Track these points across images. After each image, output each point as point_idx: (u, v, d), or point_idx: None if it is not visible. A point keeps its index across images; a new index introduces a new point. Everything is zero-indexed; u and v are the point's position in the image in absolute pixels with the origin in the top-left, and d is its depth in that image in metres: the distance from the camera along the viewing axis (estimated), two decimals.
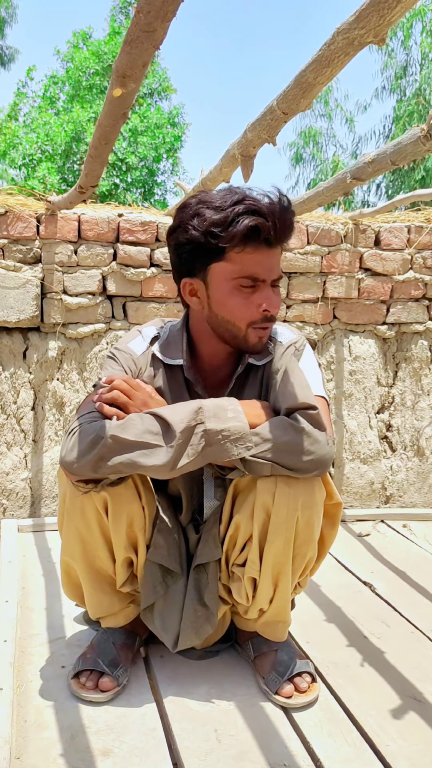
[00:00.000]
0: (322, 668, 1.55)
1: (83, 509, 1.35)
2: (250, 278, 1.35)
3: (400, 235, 2.96)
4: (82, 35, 15.01)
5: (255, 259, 1.34)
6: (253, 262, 1.34)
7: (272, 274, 1.37)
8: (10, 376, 2.61)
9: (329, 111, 13.66)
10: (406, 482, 3.05)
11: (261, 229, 1.31)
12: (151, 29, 0.94)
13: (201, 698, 1.41)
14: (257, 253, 1.34)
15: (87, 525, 1.36)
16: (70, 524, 1.38)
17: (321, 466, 1.30)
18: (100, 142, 1.42)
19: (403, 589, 2.05)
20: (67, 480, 1.35)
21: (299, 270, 2.87)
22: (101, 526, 1.37)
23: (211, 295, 1.39)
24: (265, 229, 1.31)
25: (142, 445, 1.24)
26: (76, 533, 1.38)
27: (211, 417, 1.28)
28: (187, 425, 1.26)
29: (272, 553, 1.35)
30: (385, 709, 1.40)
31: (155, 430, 1.26)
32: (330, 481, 1.40)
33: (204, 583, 1.45)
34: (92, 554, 1.40)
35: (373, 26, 1.03)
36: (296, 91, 1.28)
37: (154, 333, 1.54)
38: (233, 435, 1.27)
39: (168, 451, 1.25)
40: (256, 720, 1.34)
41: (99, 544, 1.38)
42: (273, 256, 1.37)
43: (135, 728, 1.30)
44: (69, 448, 1.28)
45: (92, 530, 1.37)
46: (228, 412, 1.29)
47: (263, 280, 1.36)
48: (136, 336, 1.54)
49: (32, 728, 1.28)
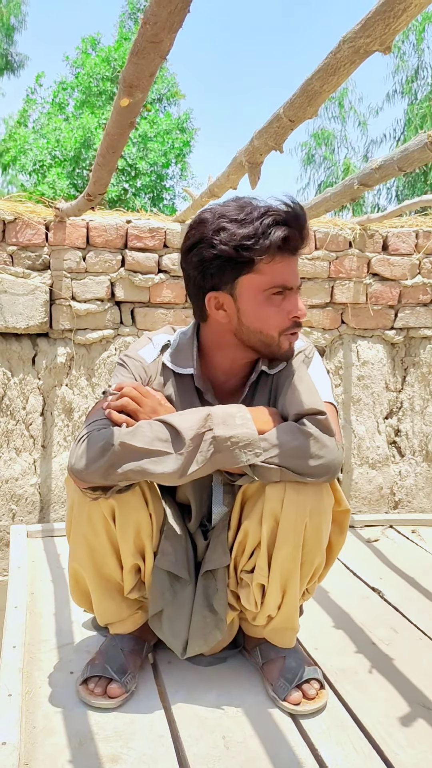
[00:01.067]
0: (330, 675, 1.54)
1: (91, 516, 1.35)
2: (280, 287, 1.36)
3: (407, 240, 2.96)
4: (91, 41, 15.09)
5: (283, 268, 1.36)
6: (283, 271, 1.36)
7: (298, 280, 1.40)
8: (19, 382, 2.62)
9: (343, 113, 13.67)
10: (414, 487, 3.04)
11: (290, 239, 1.33)
12: (158, 40, 0.95)
13: (209, 705, 1.41)
14: (284, 262, 1.36)
15: (94, 532, 1.37)
16: (78, 531, 1.39)
17: (330, 471, 1.30)
18: (107, 150, 1.43)
19: (412, 595, 2.05)
20: (75, 487, 1.35)
21: (307, 275, 2.87)
22: (109, 533, 1.37)
23: (240, 307, 1.39)
24: (294, 239, 1.33)
25: (151, 453, 1.25)
26: (83, 540, 1.39)
27: (220, 424, 1.28)
28: (197, 432, 1.27)
29: (281, 560, 1.35)
30: (394, 717, 1.39)
31: (165, 438, 1.26)
32: (338, 487, 1.40)
33: (213, 589, 1.45)
34: (100, 561, 1.41)
35: (378, 35, 1.04)
36: (303, 98, 1.29)
37: (164, 341, 1.54)
38: (242, 441, 1.27)
39: (177, 458, 1.25)
40: (264, 727, 1.34)
41: (107, 551, 1.39)
42: (296, 263, 1.40)
43: (143, 735, 1.30)
44: (78, 455, 1.28)
45: (100, 537, 1.37)
46: (236, 418, 1.30)
47: (291, 288, 1.38)
48: (146, 343, 1.54)
49: (41, 734, 1.28)
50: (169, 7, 0.87)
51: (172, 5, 0.87)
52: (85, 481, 1.29)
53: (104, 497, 1.32)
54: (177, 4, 0.86)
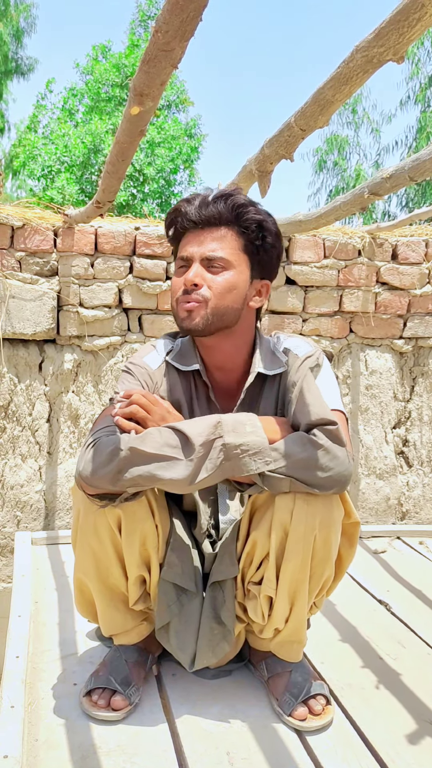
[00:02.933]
0: (336, 690, 1.52)
1: (96, 526, 1.34)
2: (180, 258, 1.43)
3: (417, 249, 2.94)
4: (102, 49, 15.16)
5: (186, 241, 1.42)
6: (184, 244, 1.42)
7: (200, 251, 1.39)
8: (26, 388, 2.61)
9: (356, 120, 13.68)
10: (422, 498, 3.01)
11: (180, 210, 1.41)
12: (169, 48, 0.94)
13: (213, 719, 1.39)
14: (189, 236, 1.42)
15: (100, 542, 1.35)
16: (84, 541, 1.37)
17: (340, 483, 1.28)
18: (117, 158, 1.43)
19: (420, 608, 2.02)
20: (82, 496, 1.34)
21: (316, 283, 2.86)
22: (114, 543, 1.36)
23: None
24: (184, 210, 1.40)
25: (161, 458, 1.24)
26: (89, 550, 1.37)
27: (230, 431, 1.27)
28: (206, 439, 1.25)
29: (289, 572, 1.33)
30: (401, 734, 1.37)
31: (174, 444, 1.25)
32: (348, 499, 1.38)
33: (220, 600, 1.44)
34: (105, 571, 1.39)
35: (392, 44, 1.03)
36: (314, 108, 1.27)
37: (168, 347, 1.53)
38: (252, 449, 1.26)
39: (187, 465, 1.24)
40: (269, 743, 1.32)
41: (112, 561, 1.38)
42: (203, 235, 1.40)
43: (147, 749, 1.28)
44: (87, 461, 1.27)
45: (105, 547, 1.36)
46: (246, 426, 1.28)
47: (190, 257, 1.40)
48: (150, 350, 1.53)
49: (43, 747, 1.27)
50: (181, 16, 0.86)
51: (185, 14, 0.86)
52: (94, 486, 1.28)
53: (111, 505, 1.31)
54: (189, 12, 0.85)
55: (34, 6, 16.59)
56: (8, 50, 16.07)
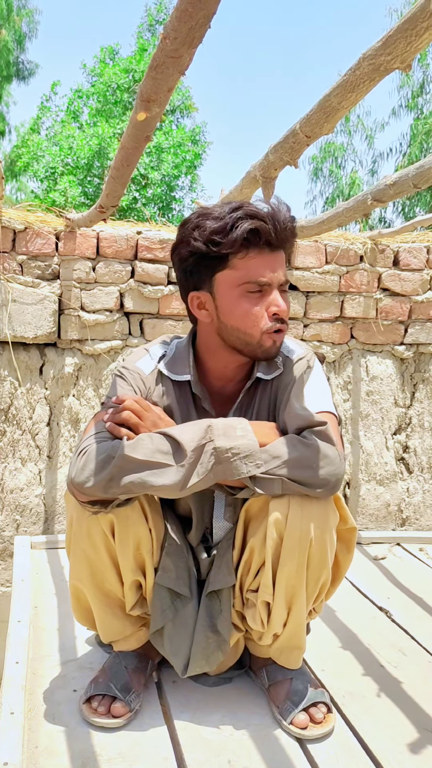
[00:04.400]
0: (337, 698, 1.52)
1: (90, 532, 1.34)
2: (255, 283, 1.35)
3: (419, 255, 2.94)
4: (110, 51, 15.20)
5: (258, 263, 1.34)
6: (257, 266, 1.34)
7: (277, 277, 1.37)
8: (27, 392, 2.61)
9: (349, 127, 13.71)
10: (422, 505, 3.01)
11: (260, 231, 1.31)
12: (177, 55, 0.94)
13: (214, 726, 1.38)
14: (260, 257, 1.34)
15: (94, 548, 1.35)
16: (78, 547, 1.37)
17: (332, 482, 1.28)
18: (122, 164, 1.43)
19: (420, 615, 2.02)
20: (75, 503, 1.33)
21: (317, 289, 2.86)
22: (108, 548, 1.35)
23: (219, 305, 1.39)
24: (265, 231, 1.31)
25: (153, 465, 1.24)
26: (83, 556, 1.37)
27: (221, 435, 1.27)
28: (198, 444, 1.25)
29: (285, 576, 1.32)
30: (403, 743, 1.36)
31: (166, 450, 1.25)
32: (344, 505, 1.39)
33: (217, 609, 1.43)
34: (100, 577, 1.39)
35: (400, 52, 1.03)
36: (320, 115, 1.28)
37: (161, 352, 1.53)
38: (242, 452, 1.26)
39: (178, 471, 1.24)
40: (270, 751, 1.31)
41: (107, 566, 1.37)
42: (276, 260, 1.36)
43: (147, 757, 1.27)
44: (79, 468, 1.27)
45: (100, 553, 1.35)
46: (237, 430, 1.28)
47: (269, 284, 1.36)
48: (143, 355, 1.53)
49: (43, 755, 1.26)
50: (190, 23, 0.86)
51: (193, 21, 0.86)
52: (86, 494, 1.27)
53: (104, 511, 1.30)
54: (198, 19, 0.85)
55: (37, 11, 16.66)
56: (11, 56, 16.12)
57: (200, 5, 0.83)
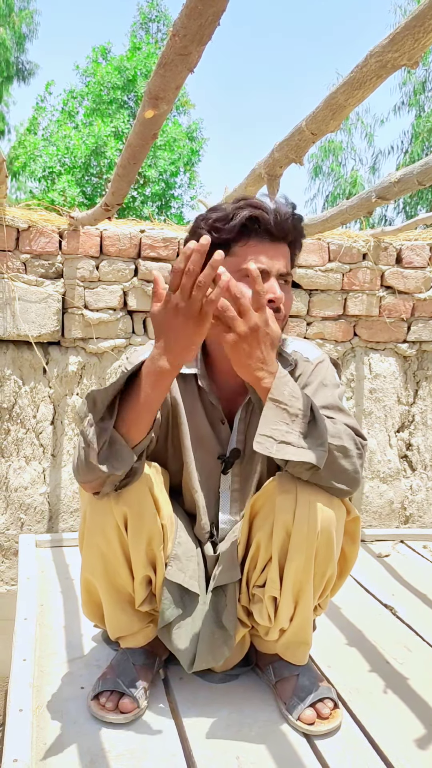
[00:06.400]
0: (344, 694, 1.52)
1: (104, 527, 1.35)
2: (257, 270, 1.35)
3: (421, 253, 2.95)
4: (102, 50, 15.18)
5: (257, 250, 1.37)
6: (256, 254, 1.37)
7: (276, 266, 1.38)
8: (30, 390, 2.61)
9: (349, 126, 13.71)
10: (426, 502, 3.01)
11: (259, 219, 1.34)
12: (187, 52, 0.94)
13: (222, 723, 1.39)
14: (260, 246, 1.37)
15: (107, 542, 1.36)
16: (91, 542, 1.38)
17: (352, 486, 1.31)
18: (128, 161, 1.43)
19: (425, 612, 2.02)
20: (89, 497, 1.35)
21: (320, 287, 2.86)
22: (121, 542, 1.36)
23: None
24: (264, 219, 1.35)
25: None
26: (97, 550, 1.38)
27: None
28: None
29: (292, 572, 1.33)
30: (410, 739, 1.37)
31: None
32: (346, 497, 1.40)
33: (222, 605, 1.44)
34: (113, 571, 1.40)
35: (407, 49, 1.03)
36: (326, 112, 1.28)
37: None
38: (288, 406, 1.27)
39: None
40: (278, 747, 1.32)
41: (119, 561, 1.38)
42: (277, 250, 1.38)
43: (156, 753, 1.28)
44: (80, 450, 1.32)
45: (112, 546, 1.36)
46: None
47: (267, 271, 1.37)
48: (148, 349, 1.53)
49: (52, 752, 1.26)
50: (199, 20, 0.87)
51: (203, 18, 0.86)
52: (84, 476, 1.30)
53: (114, 495, 1.32)
54: (208, 17, 0.86)
55: (37, 12, 16.65)
56: (10, 56, 16.11)
57: (210, 3, 0.83)
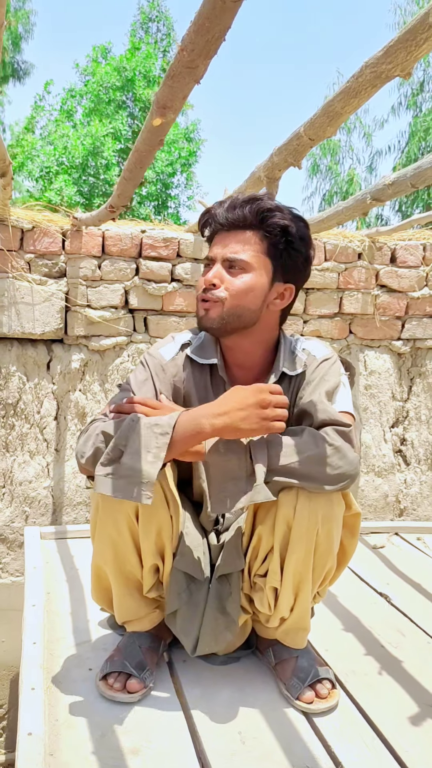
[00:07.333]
0: (341, 676, 1.59)
1: (115, 516, 1.40)
2: (207, 259, 1.50)
3: (415, 252, 3.01)
4: (102, 50, 15.22)
5: (215, 242, 1.49)
6: (213, 245, 1.49)
7: (221, 252, 1.46)
8: (34, 387, 2.67)
9: (348, 126, 13.78)
10: (419, 496, 3.08)
11: (211, 212, 1.48)
12: (194, 66, 1.00)
13: (224, 702, 1.45)
14: (217, 237, 1.49)
15: (119, 531, 1.41)
16: (103, 531, 1.43)
17: (346, 481, 1.33)
18: (135, 165, 1.49)
19: (418, 600, 2.09)
20: None
21: (316, 286, 2.93)
22: (132, 532, 1.42)
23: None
24: (215, 212, 1.47)
25: None
26: (108, 539, 1.43)
27: None
28: None
29: (293, 564, 1.39)
30: (404, 716, 1.44)
31: None
32: (348, 492, 1.44)
33: (226, 592, 1.49)
34: (123, 558, 1.45)
35: (400, 61, 1.09)
36: (323, 119, 1.35)
37: (186, 339, 1.59)
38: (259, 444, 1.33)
39: None
40: (278, 724, 1.38)
41: (129, 549, 1.44)
42: (228, 237, 1.46)
43: (162, 729, 1.34)
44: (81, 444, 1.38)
45: (123, 536, 1.42)
46: None
47: (213, 259, 1.47)
48: (168, 342, 1.59)
49: (63, 727, 1.33)
50: (206, 36, 0.93)
51: (210, 34, 0.93)
52: (85, 468, 1.36)
53: None
54: (215, 33, 0.92)
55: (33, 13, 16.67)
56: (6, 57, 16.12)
57: (217, 20, 0.89)
